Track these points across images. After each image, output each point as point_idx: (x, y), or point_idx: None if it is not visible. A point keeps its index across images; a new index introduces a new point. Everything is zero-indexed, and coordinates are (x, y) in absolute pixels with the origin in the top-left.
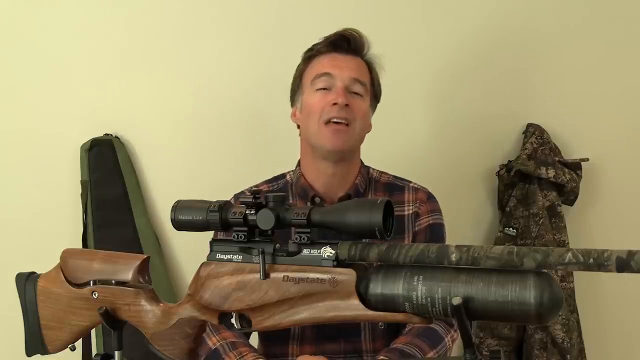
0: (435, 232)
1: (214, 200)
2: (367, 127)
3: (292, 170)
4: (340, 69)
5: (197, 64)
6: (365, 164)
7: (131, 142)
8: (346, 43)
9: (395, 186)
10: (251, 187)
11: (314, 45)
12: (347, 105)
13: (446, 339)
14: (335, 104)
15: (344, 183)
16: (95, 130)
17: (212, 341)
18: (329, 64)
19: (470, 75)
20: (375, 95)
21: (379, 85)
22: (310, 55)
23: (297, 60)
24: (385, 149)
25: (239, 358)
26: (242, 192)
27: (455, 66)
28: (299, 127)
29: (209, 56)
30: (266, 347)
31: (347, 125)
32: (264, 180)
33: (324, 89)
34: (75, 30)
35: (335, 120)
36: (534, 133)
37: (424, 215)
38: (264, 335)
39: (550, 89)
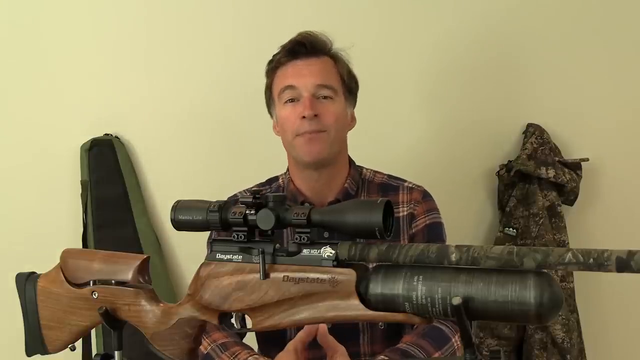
0: (434, 232)
1: (214, 200)
2: (348, 125)
3: (284, 173)
4: (302, 77)
5: (197, 63)
6: (363, 164)
7: (131, 142)
8: (303, 47)
9: (389, 186)
10: (242, 191)
11: (273, 55)
12: (316, 115)
13: (453, 340)
14: (304, 117)
15: (332, 187)
16: (95, 130)
17: (203, 345)
18: (291, 74)
19: (470, 76)
20: (349, 89)
21: (352, 77)
22: (272, 67)
23: None
24: (384, 149)
25: (233, 358)
26: (235, 196)
27: (455, 66)
28: None
29: (210, 56)
30: (263, 351)
31: (321, 132)
32: (257, 183)
33: (291, 100)
34: (75, 31)
35: (307, 132)
36: (534, 133)
37: (420, 215)
38: (261, 340)
39: (550, 89)
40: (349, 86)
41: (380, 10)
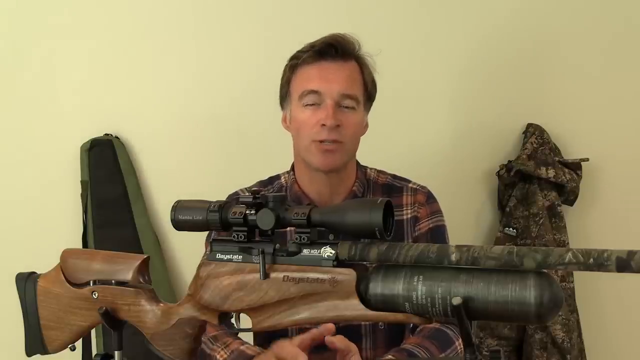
0: (437, 235)
1: (214, 200)
2: (362, 133)
3: (287, 172)
4: (328, 83)
5: (197, 63)
6: (365, 163)
7: (131, 142)
8: (333, 50)
9: (393, 188)
10: (243, 189)
11: (299, 52)
12: (337, 125)
13: (457, 343)
14: (323, 124)
15: (339, 191)
16: (95, 130)
17: None
18: (317, 78)
19: (471, 76)
20: (369, 97)
21: (373, 84)
22: (296, 63)
23: None
24: (385, 149)
25: (224, 347)
26: (236, 193)
27: (454, 67)
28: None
29: (209, 56)
30: None
31: (338, 143)
32: (258, 181)
33: (312, 104)
34: (75, 31)
35: (324, 142)
36: (534, 133)
37: (424, 218)
38: (261, 342)
39: (550, 89)
40: (370, 94)
41: (381, 11)
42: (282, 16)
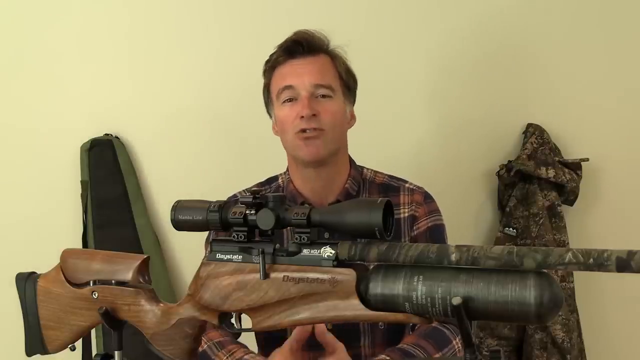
0: (436, 235)
1: (214, 200)
2: (347, 123)
3: (284, 173)
4: (300, 76)
5: (197, 63)
6: (363, 163)
7: (131, 142)
8: (300, 46)
9: (390, 187)
10: (242, 191)
11: (270, 55)
12: (314, 115)
13: (454, 342)
14: (302, 116)
15: (332, 188)
16: (95, 130)
17: None
18: (289, 74)
19: (471, 75)
20: (347, 87)
21: (350, 74)
22: (270, 66)
23: None
24: (385, 148)
25: (229, 356)
26: (234, 196)
27: (455, 66)
28: None
29: (209, 56)
30: (263, 352)
31: (319, 130)
32: (257, 183)
33: (289, 100)
34: (75, 31)
35: (305, 131)
36: (534, 133)
37: (422, 218)
38: (261, 343)
39: (550, 89)
40: (347, 84)
41: (381, 9)
42: (283, 17)
